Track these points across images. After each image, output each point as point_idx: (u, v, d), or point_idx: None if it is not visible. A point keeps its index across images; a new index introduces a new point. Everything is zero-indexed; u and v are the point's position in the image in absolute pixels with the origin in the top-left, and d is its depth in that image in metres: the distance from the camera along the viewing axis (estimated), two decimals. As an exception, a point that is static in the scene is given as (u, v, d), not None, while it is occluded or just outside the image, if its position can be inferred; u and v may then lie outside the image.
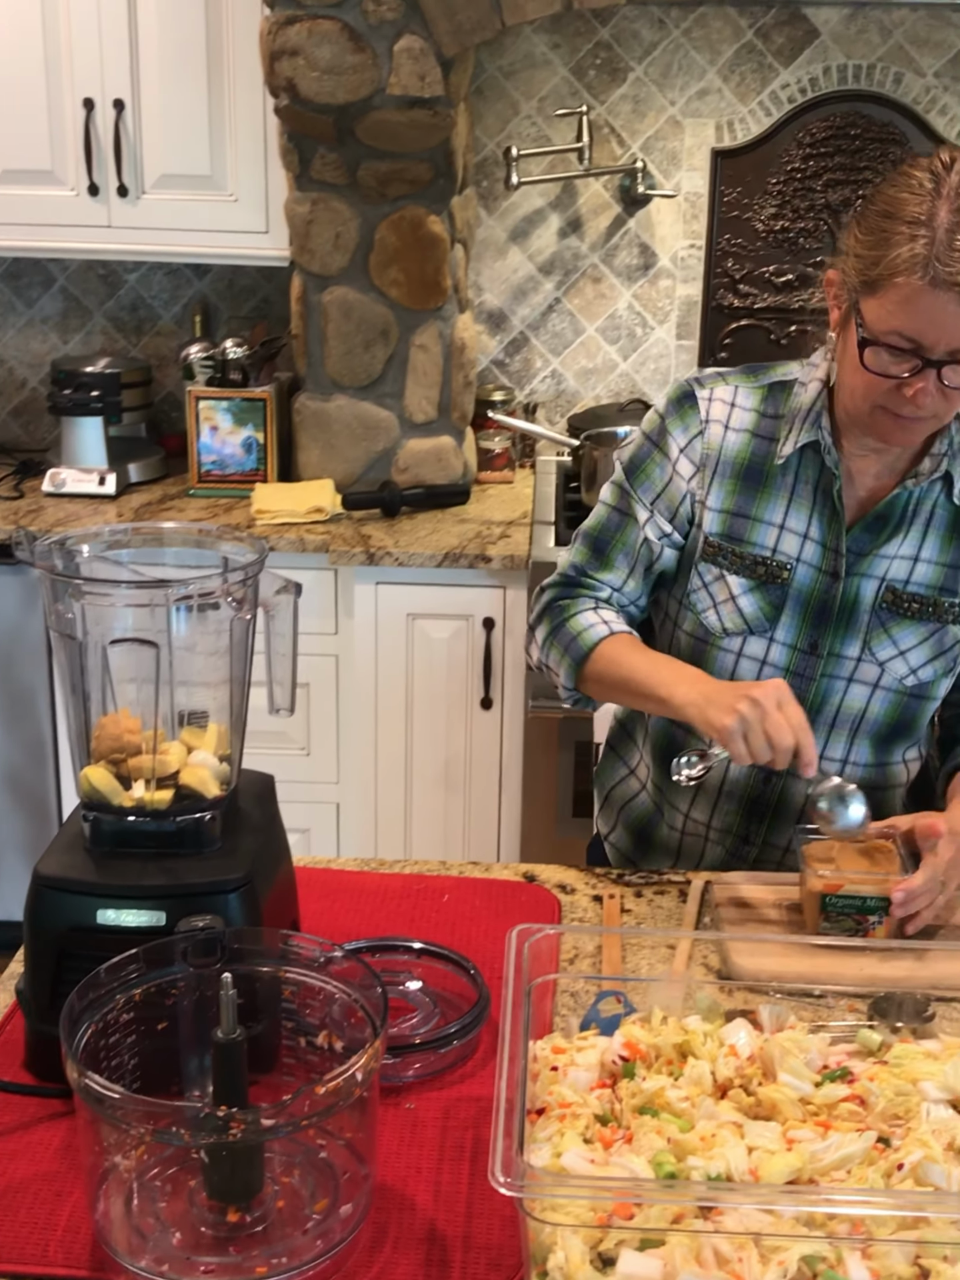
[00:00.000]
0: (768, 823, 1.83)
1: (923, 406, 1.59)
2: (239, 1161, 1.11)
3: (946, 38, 3.30)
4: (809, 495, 1.76)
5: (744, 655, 1.78)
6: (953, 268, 1.52)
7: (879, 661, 1.77)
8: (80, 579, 1.38)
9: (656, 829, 1.93)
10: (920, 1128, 1.16)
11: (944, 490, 1.76)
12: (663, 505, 1.81)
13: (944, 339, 1.55)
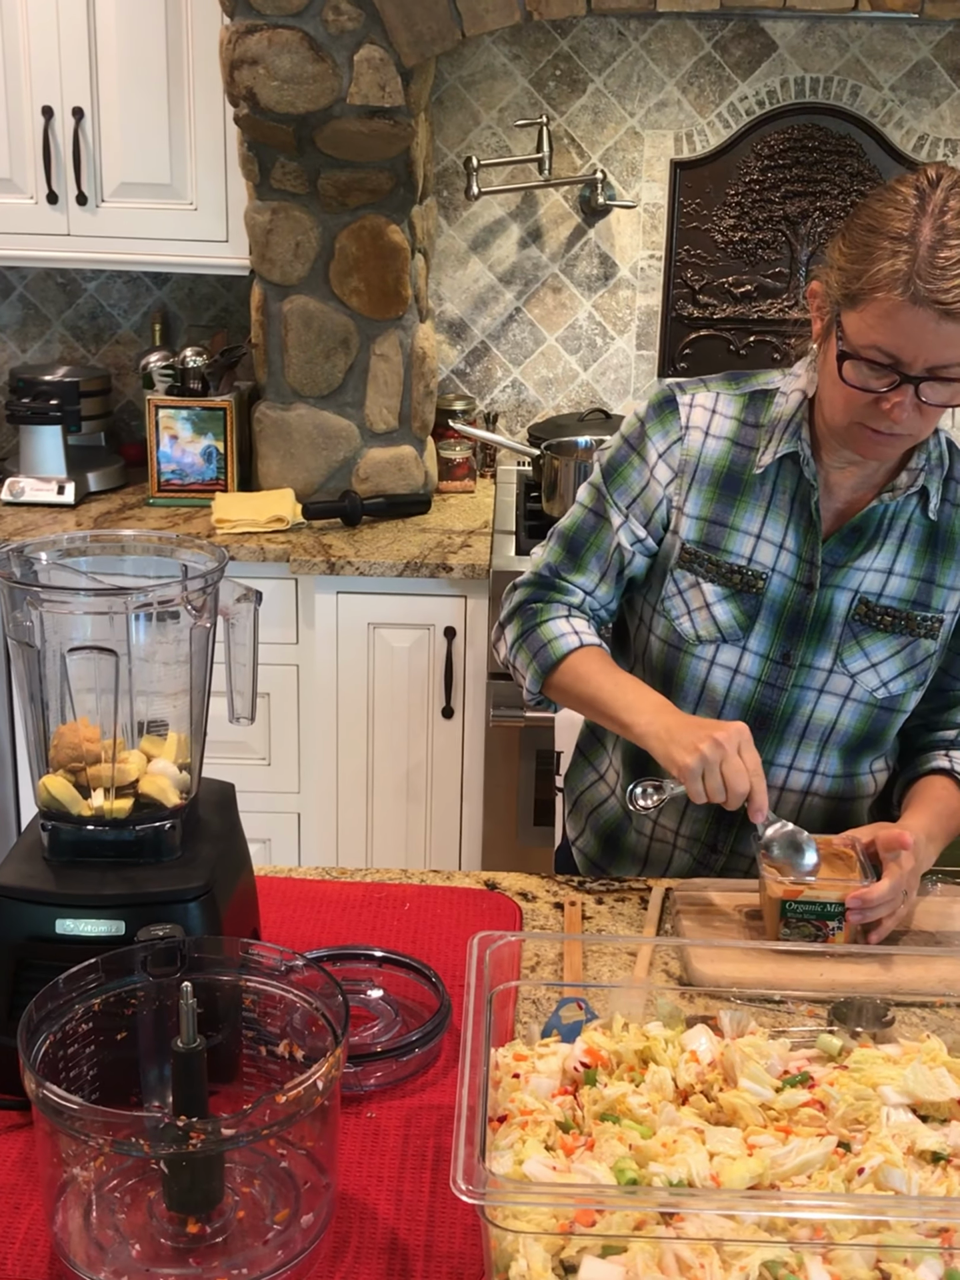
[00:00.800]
0: (735, 831, 1.84)
1: (899, 422, 1.60)
2: (199, 1172, 1.11)
3: (903, 51, 3.33)
4: (786, 506, 1.77)
5: (716, 663, 1.79)
6: (933, 285, 1.52)
7: (851, 673, 1.78)
8: (39, 586, 1.37)
9: (625, 835, 1.93)
10: (880, 1132, 1.16)
11: (919, 505, 1.77)
12: (638, 509, 1.82)
13: (922, 355, 1.56)
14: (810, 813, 1.83)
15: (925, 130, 3.39)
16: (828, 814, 1.84)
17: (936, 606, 1.78)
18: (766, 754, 1.80)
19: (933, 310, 1.53)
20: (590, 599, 1.84)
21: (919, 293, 1.52)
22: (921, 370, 1.57)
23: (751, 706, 1.79)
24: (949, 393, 1.60)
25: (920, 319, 1.54)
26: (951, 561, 1.78)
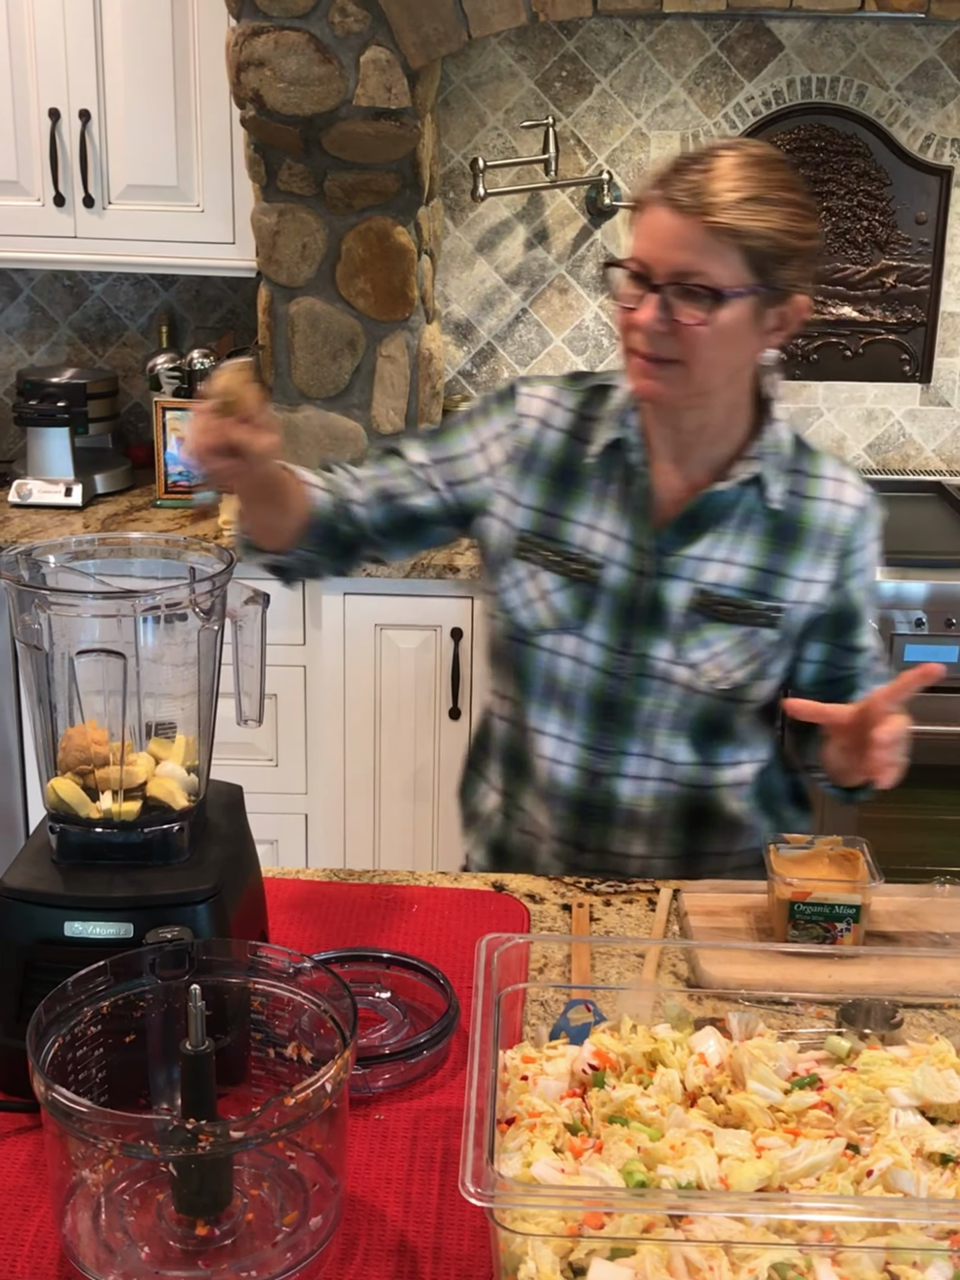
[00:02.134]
0: (597, 828, 1.83)
1: (648, 329, 1.61)
2: (208, 1174, 1.11)
3: (909, 51, 3.33)
4: (618, 494, 1.77)
5: (560, 653, 1.79)
6: (674, 182, 1.59)
7: (690, 664, 1.76)
8: (47, 589, 1.37)
9: (509, 838, 1.93)
10: (889, 1134, 1.16)
11: (758, 494, 1.76)
12: (447, 469, 1.82)
13: (661, 257, 1.59)
14: (669, 801, 1.81)
15: (932, 130, 3.38)
16: (688, 802, 1.82)
17: (778, 596, 1.77)
18: (619, 743, 1.79)
19: (668, 207, 1.58)
20: (345, 480, 1.84)
21: (662, 192, 1.59)
22: (665, 277, 1.59)
23: (597, 696, 1.79)
24: (697, 310, 1.60)
25: (660, 219, 1.60)
26: (797, 552, 1.77)
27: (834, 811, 3.01)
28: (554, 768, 1.81)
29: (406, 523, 1.84)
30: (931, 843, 3.05)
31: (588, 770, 1.80)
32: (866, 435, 3.60)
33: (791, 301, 1.66)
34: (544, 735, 1.82)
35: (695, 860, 1.85)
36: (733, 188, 1.58)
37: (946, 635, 2.90)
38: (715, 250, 1.58)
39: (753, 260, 1.59)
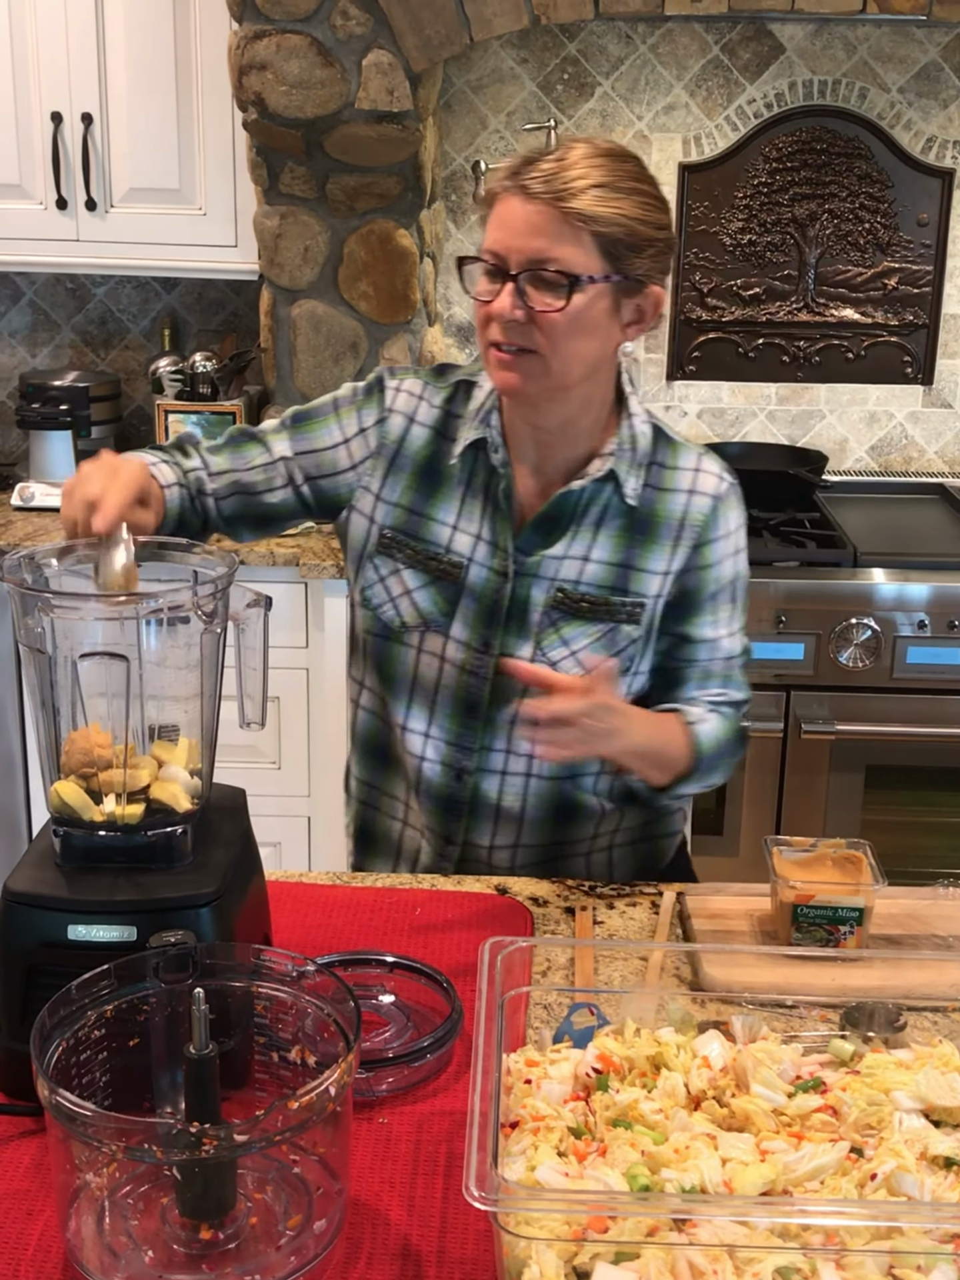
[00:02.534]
0: (464, 822, 1.83)
1: (504, 319, 1.60)
2: (211, 1178, 1.11)
3: (910, 53, 3.33)
4: (480, 494, 1.77)
5: (424, 650, 1.79)
6: (526, 173, 1.59)
7: (551, 662, 1.76)
8: (50, 592, 1.37)
9: (375, 823, 1.93)
10: (893, 1138, 1.16)
11: (615, 491, 1.75)
12: (310, 462, 1.81)
13: (515, 245, 1.60)
14: (534, 796, 1.81)
15: (934, 132, 3.38)
16: (553, 796, 1.82)
17: (636, 591, 1.76)
18: (483, 741, 1.79)
19: (520, 195, 1.59)
20: (201, 472, 1.80)
21: (513, 181, 1.60)
22: (519, 265, 1.59)
23: (460, 695, 1.79)
24: (553, 299, 1.60)
25: (512, 208, 1.60)
26: (653, 545, 1.76)
27: (837, 814, 3.01)
28: (421, 764, 1.82)
29: (259, 516, 1.82)
30: (935, 845, 3.05)
31: (453, 767, 1.81)
32: (868, 437, 3.60)
33: (647, 293, 1.67)
34: (410, 732, 1.82)
35: (561, 848, 1.85)
36: (583, 174, 1.59)
37: (949, 637, 2.90)
38: (568, 236, 1.58)
39: (606, 247, 1.60)
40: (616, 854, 1.88)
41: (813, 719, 2.93)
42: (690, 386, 3.57)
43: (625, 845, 1.88)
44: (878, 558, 2.98)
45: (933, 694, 2.96)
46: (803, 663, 2.93)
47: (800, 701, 2.95)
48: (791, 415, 3.59)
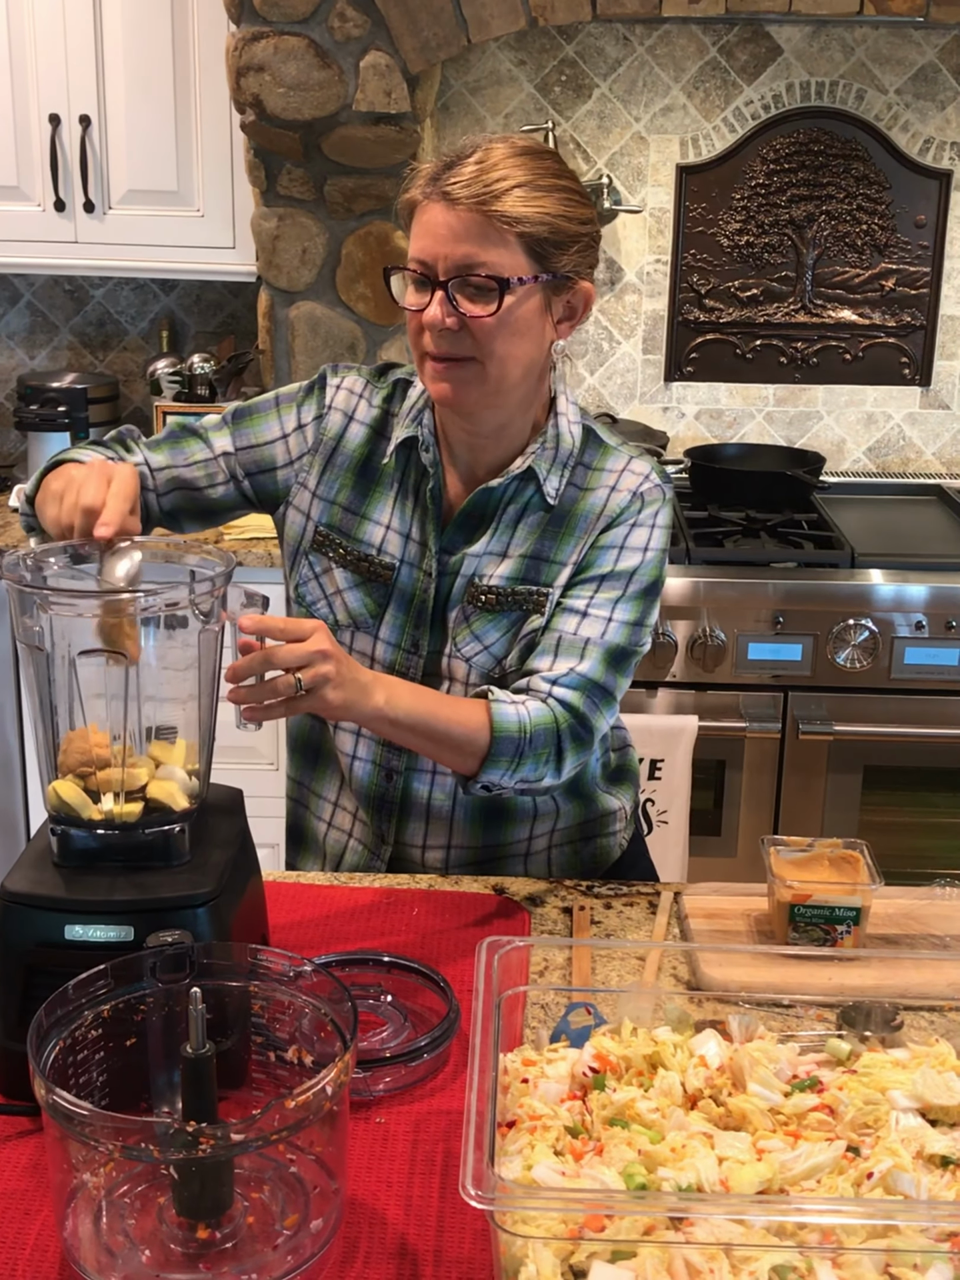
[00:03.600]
0: (395, 821, 1.83)
1: (438, 329, 1.60)
2: (208, 1177, 1.11)
3: (908, 55, 3.33)
4: (411, 494, 1.77)
5: (354, 650, 1.79)
6: (446, 179, 1.58)
7: (465, 657, 1.75)
8: (48, 589, 1.37)
9: (304, 823, 1.92)
10: (889, 1136, 1.16)
11: (536, 490, 1.75)
12: (250, 457, 1.80)
13: (442, 253, 1.59)
14: (465, 796, 1.77)
15: (931, 134, 3.39)
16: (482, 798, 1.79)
17: (545, 581, 1.74)
18: None
19: (443, 201, 1.58)
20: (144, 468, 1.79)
21: (435, 187, 1.59)
22: (448, 272, 1.59)
23: None
24: (485, 304, 1.59)
25: (436, 215, 1.59)
26: (568, 537, 1.74)
27: (835, 815, 3.01)
28: (352, 763, 1.82)
29: (201, 509, 1.81)
30: (932, 845, 3.05)
31: (383, 767, 1.80)
32: (866, 438, 3.60)
33: (577, 289, 1.67)
34: (341, 730, 1.82)
35: (496, 849, 1.84)
36: (505, 175, 1.58)
37: (947, 638, 2.91)
38: (495, 239, 1.58)
39: (532, 247, 1.60)
40: (555, 854, 1.87)
41: (810, 719, 2.94)
42: (688, 388, 3.57)
43: (563, 845, 1.87)
44: (875, 559, 2.98)
45: (930, 695, 2.96)
46: (800, 663, 2.93)
47: (798, 702, 2.95)
48: (789, 416, 3.59)
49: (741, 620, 2.91)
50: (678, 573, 2.92)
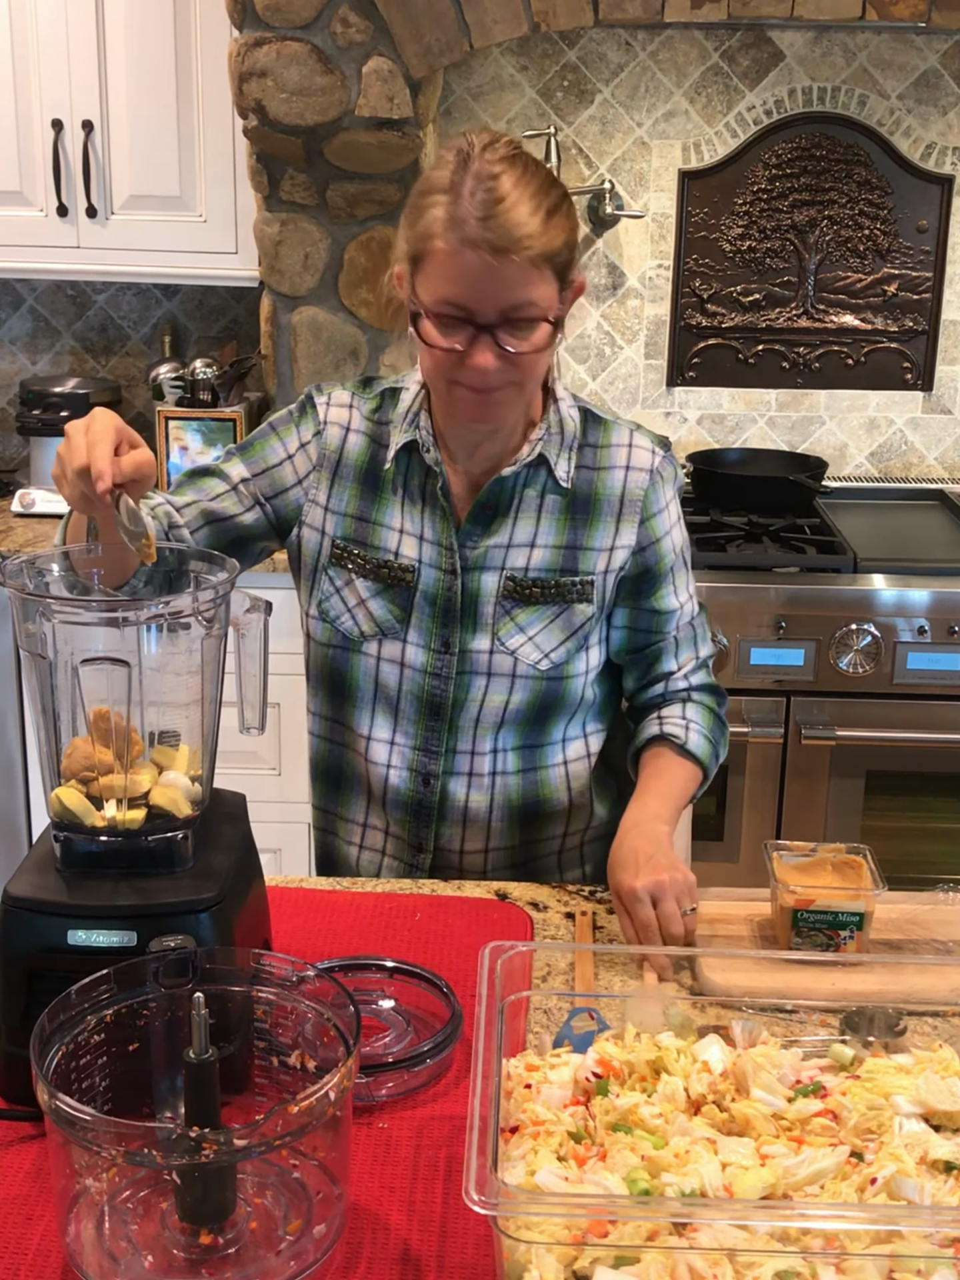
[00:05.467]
0: (433, 828, 1.84)
1: (488, 373, 1.61)
2: (211, 1183, 1.11)
3: (910, 60, 3.34)
4: (418, 496, 1.78)
5: (383, 659, 1.80)
6: (479, 225, 1.56)
7: (510, 651, 1.77)
8: (51, 598, 1.37)
9: (335, 850, 1.94)
10: (893, 1142, 1.16)
11: (549, 475, 1.77)
12: (265, 482, 1.81)
13: (488, 299, 1.58)
14: (504, 794, 1.83)
15: (933, 139, 3.39)
16: (521, 792, 1.83)
17: (585, 570, 1.78)
18: (447, 743, 1.81)
19: (484, 250, 1.56)
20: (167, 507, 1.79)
21: (468, 235, 1.56)
22: (493, 316, 1.59)
23: (423, 699, 1.80)
24: (531, 338, 1.61)
25: (476, 263, 1.57)
26: (596, 523, 1.78)
27: (838, 820, 3.01)
28: (387, 772, 1.83)
29: (232, 542, 1.81)
30: (935, 850, 3.05)
31: (419, 773, 1.82)
32: (868, 443, 3.60)
33: (578, 285, 1.69)
34: (375, 741, 1.83)
35: (532, 848, 1.87)
36: (531, 210, 1.57)
37: (949, 643, 2.91)
38: (536, 278, 1.59)
39: (559, 272, 1.62)
40: (588, 850, 1.89)
41: (813, 724, 2.93)
42: (690, 393, 3.58)
43: (596, 841, 1.89)
44: (878, 563, 2.98)
45: (933, 700, 2.96)
46: (803, 668, 2.93)
47: (800, 707, 2.95)
48: (791, 421, 3.59)
49: (744, 625, 2.91)
50: (680, 577, 2.92)
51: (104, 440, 1.43)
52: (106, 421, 1.45)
